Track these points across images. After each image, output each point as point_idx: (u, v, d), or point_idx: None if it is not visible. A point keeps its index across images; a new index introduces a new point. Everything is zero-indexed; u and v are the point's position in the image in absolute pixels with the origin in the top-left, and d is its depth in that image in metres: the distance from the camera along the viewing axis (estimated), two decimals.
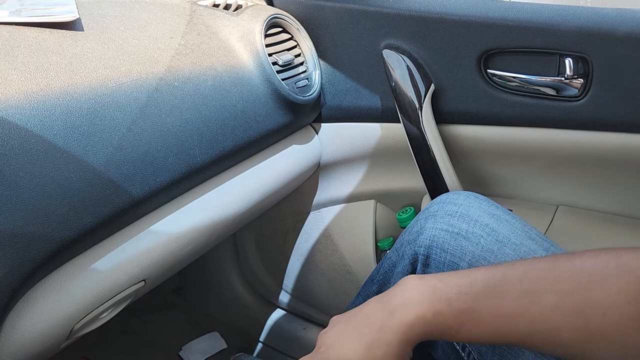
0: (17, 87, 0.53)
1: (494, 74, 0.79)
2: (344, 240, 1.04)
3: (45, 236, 0.52)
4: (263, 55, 0.81)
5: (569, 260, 0.47)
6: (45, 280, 0.56)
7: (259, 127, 0.78)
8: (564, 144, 0.79)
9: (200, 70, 0.72)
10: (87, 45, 0.63)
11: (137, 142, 0.61)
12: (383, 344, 0.50)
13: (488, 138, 0.84)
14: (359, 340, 0.51)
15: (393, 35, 0.84)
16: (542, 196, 0.88)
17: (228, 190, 0.78)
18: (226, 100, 0.74)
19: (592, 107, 0.74)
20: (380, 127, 0.92)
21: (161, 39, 0.71)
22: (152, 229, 0.67)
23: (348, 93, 0.91)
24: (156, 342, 1.23)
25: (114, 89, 0.61)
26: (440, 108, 0.85)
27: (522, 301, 0.46)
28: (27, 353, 0.55)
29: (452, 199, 0.65)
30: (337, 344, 0.53)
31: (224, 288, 1.25)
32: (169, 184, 0.65)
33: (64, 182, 0.54)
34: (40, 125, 0.53)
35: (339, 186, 1.02)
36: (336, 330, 0.54)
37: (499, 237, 0.59)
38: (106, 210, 0.58)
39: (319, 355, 0.53)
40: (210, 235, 0.76)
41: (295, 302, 1.18)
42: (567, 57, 0.74)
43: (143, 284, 0.68)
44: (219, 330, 1.26)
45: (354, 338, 0.52)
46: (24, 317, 0.54)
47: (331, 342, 0.53)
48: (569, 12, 0.73)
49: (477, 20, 0.77)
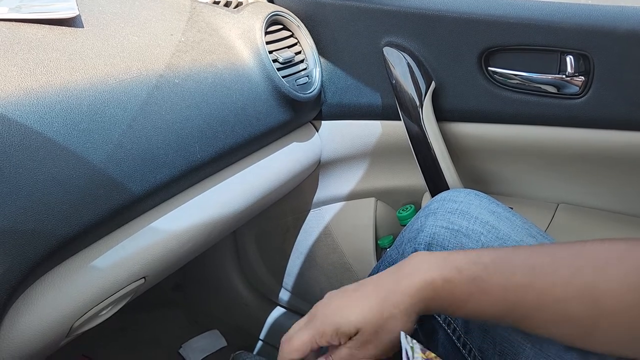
0: (17, 83, 0.53)
1: (494, 71, 0.79)
2: (344, 238, 1.04)
3: (44, 233, 0.52)
4: (263, 52, 0.80)
5: (580, 243, 0.47)
6: (45, 278, 0.56)
7: (259, 125, 0.78)
8: (564, 141, 0.79)
9: (201, 68, 0.72)
10: (87, 42, 0.63)
11: (137, 139, 0.61)
12: (390, 305, 0.49)
13: (489, 136, 0.84)
14: (364, 303, 0.50)
15: (394, 32, 0.83)
16: (543, 194, 0.88)
17: (228, 188, 0.78)
18: (226, 97, 0.74)
19: (593, 105, 0.74)
20: (381, 124, 0.92)
21: (161, 36, 0.71)
22: (152, 226, 0.67)
23: (348, 90, 0.91)
24: (156, 339, 1.23)
25: (114, 85, 0.61)
26: (440, 106, 0.85)
27: (532, 273, 0.46)
28: (27, 350, 0.55)
29: (453, 196, 0.65)
30: (339, 309, 0.51)
31: (224, 286, 1.25)
32: (169, 181, 0.65)
33: (63, 179, 0.53)
34: (40, 122, 0.53)
35: (340, 184, 1.02)
36: (338, 296, 0.53)
37: (500, 234, 0.59)
38: (106, 207, 0.57)
39: (317, 320, 0.52)
40: (210, 233, 0.76)
41: (295, 300, 1.18)
42: (568, 55, 0.74)
43: (143, 281, 0.68)
44: (219, 328, 1.26)
45: (359, 301, 0.51)
46: (24, 314, 0.54)
47: (335, 307, 0.52)
48: (570, 9, 0.73)
49: (478, 17, 0.77)
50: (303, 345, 0.52)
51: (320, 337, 0.51)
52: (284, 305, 1.22)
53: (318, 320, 0.52)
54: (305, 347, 0.52)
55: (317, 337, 0.51)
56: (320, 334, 0.51)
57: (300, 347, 0.52)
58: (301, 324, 0.54)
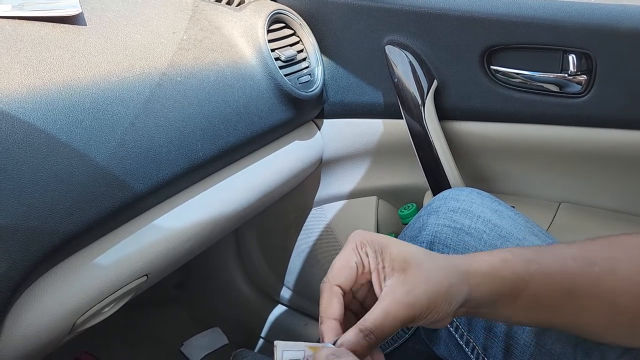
0: (20, 81, 0.53)
1: (497, 70, 0.79)
2: (346, 236, 1.02)
3: (47, 230, 0.52)
4: (266, 50, 0.80)
5: (623, 235, 0.47)
6: (48, 275, 0.56)
7: (261, 123, 0.78)
8: (566, 140, 0.79)
9: (203, 66, 0.72)
10: (90, 40, 0.63)
11: (140, 137, 0.61)
12: (447, 280, 0.44)
13: (491, 134, 0.84)
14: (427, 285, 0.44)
15: (396, 31, 0.83)
16: (545, 193, 0.88)
17: (230, 186, 0.78)
18: (229, 95, 0.74)
19: (595, 104, 0.74)
20: (383, 123, 0.92)
21: (164, 34, 0.71)
22: (154, 223, 0.67)
23: (350, 89, 0.91)
24: (158, 337, 1.24)
25: (116, 83, 0.61)
26: (442, 104, 0.84)
27: (579, 261, 0.46)
28: (30, 347, 0.55)
29: (455, 195, 0.65)
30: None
31: (225, 284, 1.26)
32: (171, 179, 0.65)
33: (66, 176, 0.54)
34: (43, 120, 0.53)
35: (341, 182, 1.02)
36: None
37: (502, 232, 0.59)
38: (109, 205, 0.58)
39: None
40: (212, 231, 0.76)
41: (297, 298, 1.18)
42: (570, 54, 0.74)
43: (145, 278, 0.68)
44: (221, 326, 1.26)
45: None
46: (27, 311, 0.54)
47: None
48: (572, 8, 0.73)
49: (480, 16, 0.77)
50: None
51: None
52: (285, 303, 1.22)
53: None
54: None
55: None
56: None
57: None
58: None
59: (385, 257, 0.45)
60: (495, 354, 0.57)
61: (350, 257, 0.46)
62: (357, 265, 0.46)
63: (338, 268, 0.46)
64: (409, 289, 0.43)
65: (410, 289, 0.43)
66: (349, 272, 0.46)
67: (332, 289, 0.46)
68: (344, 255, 0.47)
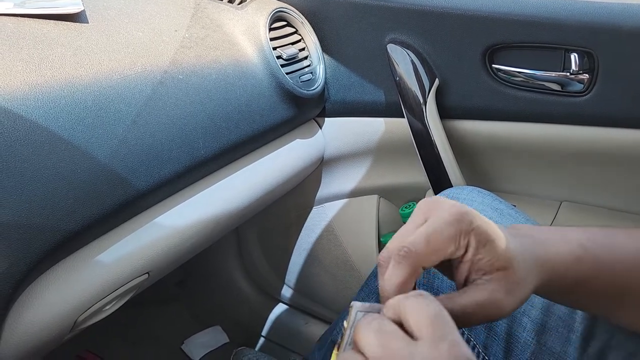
0: (22, 78, 0.53)
1: (498, 68, 0.79)
2: (346, 235, 1.04)
3: (49, 228, 0.52)
4: (267, 48, 0.80)
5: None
6: (49, 272, 0.56)
7: (262, 121, 0.78)
8: (568, 139, 0.79)
9: (205, 64, 0.72)
10: (92, 38, 0.63)
11: (142, 134, 0.61)
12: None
13: (492, 133, 0.84)
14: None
15: (397, 29, 0.83)
16: (546, 192, 0.88)
17: (231, 184, 0.78)
18: (230, 93, 0.74)
19: (597, 103, 0.74)
20: (384, 122, 0.92)
21: (166, 32, 0.71)
22: (155, 221, 0.67)
23: (352, 87, 0.91)
24: (159, 335, 1.24)
25: (118, 81, 0.61)
26: (444, 103, 0.84)
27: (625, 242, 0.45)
28: (31, 344, 0.55)
29: (456, 193, 0.65)
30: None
31: (226, 282, 1.26)
32: (172, 177, 0.65)
33: (68, 174, 0.54)
34: (45, 117, 0.53)
35: (342, 181, 1.02)
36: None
37: None
38: (110, 202, 0.58)
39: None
40: (214, 229, 0.76)
41: (298, 297, 1.18)
42: (572, 52, 0.74)
43: (146, 276, 0.68)
44: (221, 324, 1.26)
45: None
46: (28, 308, 0.54)
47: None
48: (574, 6, 0.73)
49: (482, 14, 0.77)
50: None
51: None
52: (286, 302, 1.22)
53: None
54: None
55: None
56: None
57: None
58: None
59: (489, 252, 0.40)
60: (495, 352, 0.57)
61: (449, 244, 0.40)
62: (451, 254, 0.40)
63: (433, 250, 0.39)
64: (509, 288, 0.40)
65: (510, 289, 0.40)
66: (438, 257, 0.40)
67: (417, 271, 0.39)
68: (444, 237, 0.40)
